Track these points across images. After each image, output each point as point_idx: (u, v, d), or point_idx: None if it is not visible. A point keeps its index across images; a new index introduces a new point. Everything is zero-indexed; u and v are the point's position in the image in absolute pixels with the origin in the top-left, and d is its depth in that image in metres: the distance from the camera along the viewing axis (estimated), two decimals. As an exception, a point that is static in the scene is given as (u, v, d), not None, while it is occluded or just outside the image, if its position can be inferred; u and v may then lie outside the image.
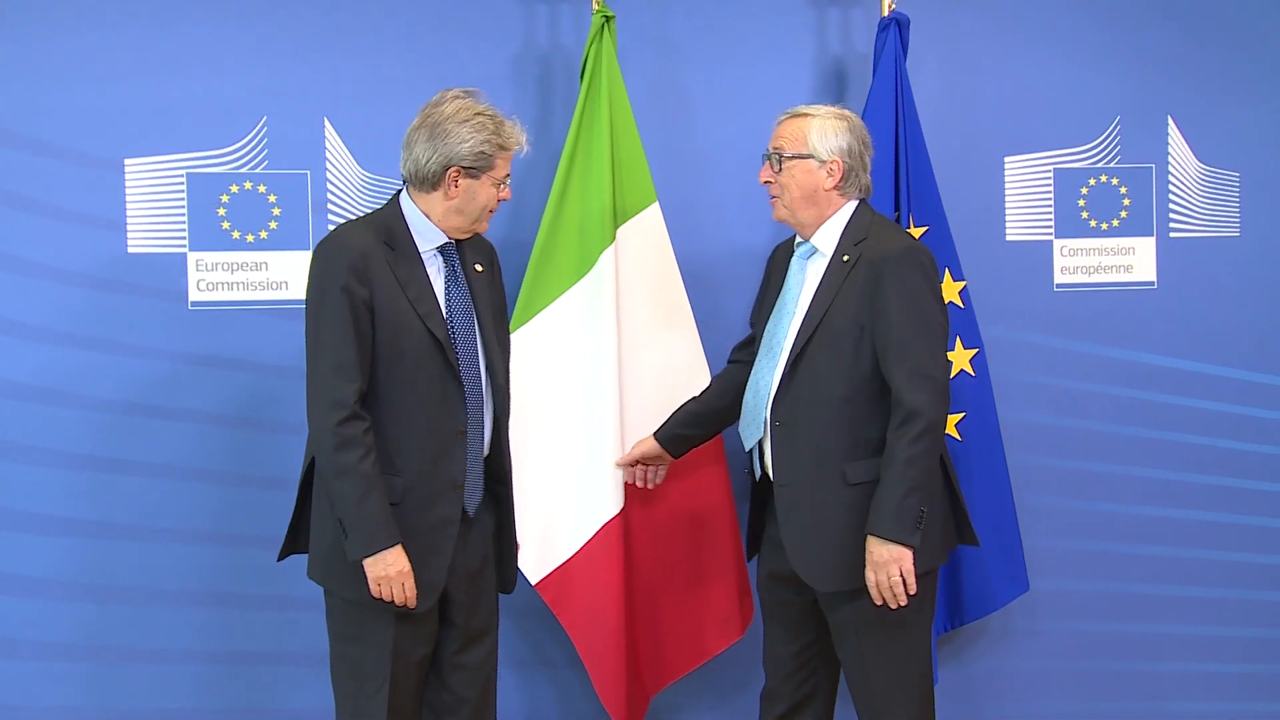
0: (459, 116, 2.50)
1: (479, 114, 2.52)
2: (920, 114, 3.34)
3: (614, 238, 3.13)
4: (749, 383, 2.74)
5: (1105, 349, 3.60)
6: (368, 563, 2.45)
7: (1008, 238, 3.59)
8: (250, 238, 3.20)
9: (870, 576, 2.56)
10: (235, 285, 3.20)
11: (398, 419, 2.50)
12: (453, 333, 2.53)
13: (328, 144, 3.23)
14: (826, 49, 3.49)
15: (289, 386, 3.08)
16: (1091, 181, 3.60)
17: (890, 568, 2.54)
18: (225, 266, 3.19)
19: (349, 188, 3.24)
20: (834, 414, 2.61)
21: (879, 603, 2.57)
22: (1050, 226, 3.60)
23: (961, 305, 3.35)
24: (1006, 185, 3.57)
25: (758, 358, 2.74)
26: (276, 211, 3.21)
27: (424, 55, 3.26)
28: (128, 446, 3.15)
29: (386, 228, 2.54)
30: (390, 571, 2.45)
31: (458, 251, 2.60)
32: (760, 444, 2.71)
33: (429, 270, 2.54)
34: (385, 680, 2.50)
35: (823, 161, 2.69)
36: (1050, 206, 3.59)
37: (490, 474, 2.62)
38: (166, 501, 3.17)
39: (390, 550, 2.45)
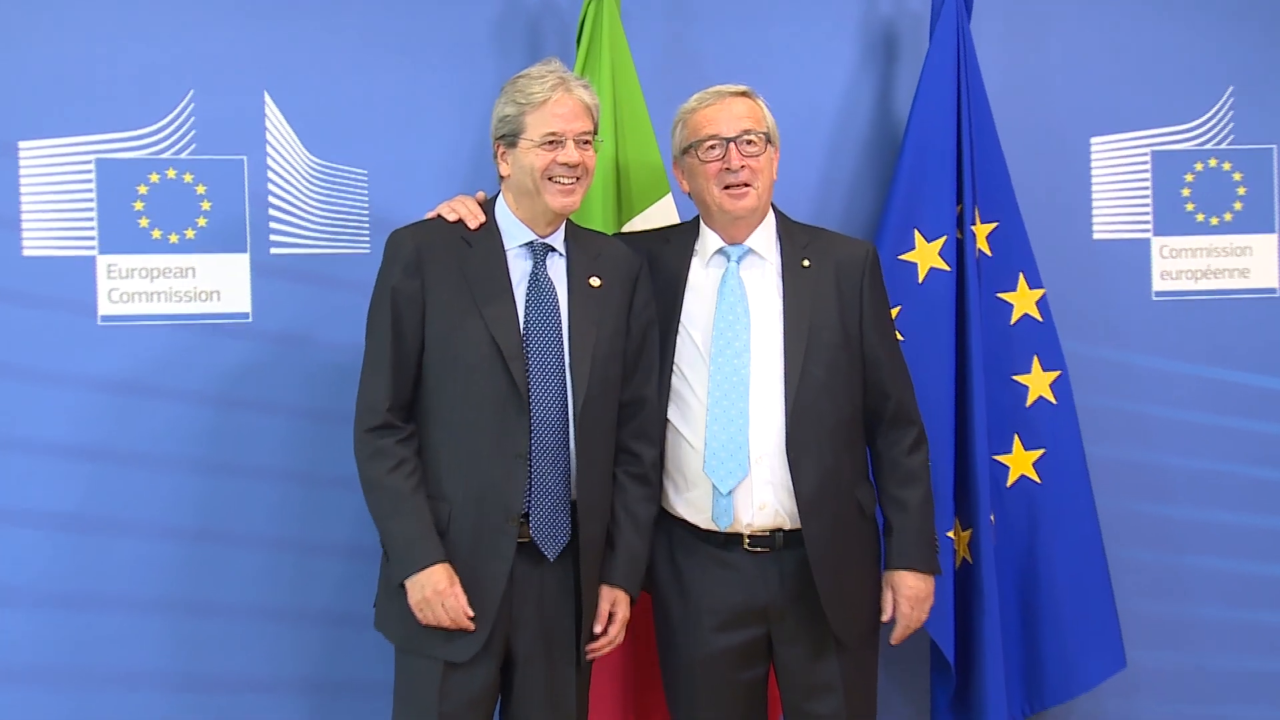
0: (502, 92, 2.77)
1: (517, 78, 2.75)
2: (988, 86, 3.39)
3: (617, 237, 3.10)
4: (707, 416, 2.82)
5: (1216, 370, 3.66)
6: (407, 586, 2.66)
7: (1095, 236, 3.63)
8: (174, 238, 3.21)
9: (906, 612, 2.88)
10: (155, 296, 3.20)
11: (447, 435, 2.69)
12: (526, 343, 2.70)
13: (268, 124, 3.24)
14: (873, 7, 3.54)
15: (220, 419, 3.25)
16: (1198, 167, 3.67)
17: (927, 603, 2.89)
18: (143, 273, 3.20)
19: (294, 177, 3.26)
20: (844, 438, 2.85)
21: (896, 641, 2.90)
22: (1147, 222, 3.65)
23: (1039, 318, 3.41)
24: (1093, 172, 3.62)
25: (710, 384, 2.83)
26: (206, 206, 3.22)
27: (385, 16, 3.30)
28: (21, 490, 3.15)
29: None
30: (426, 593, 2.64)
31: (568, 257, 2.78)
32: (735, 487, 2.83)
33: (514, 271, 2.74)
34: None
35: (776, 149, 2.91)
36: (1147, 198, 3.65)
37: (578, 516, 2.73)
38: (70, 555, 3.18)
39: (426, 570, 2.64)
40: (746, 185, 2.85)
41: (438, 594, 2.64)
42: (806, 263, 2.88)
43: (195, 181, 3.22)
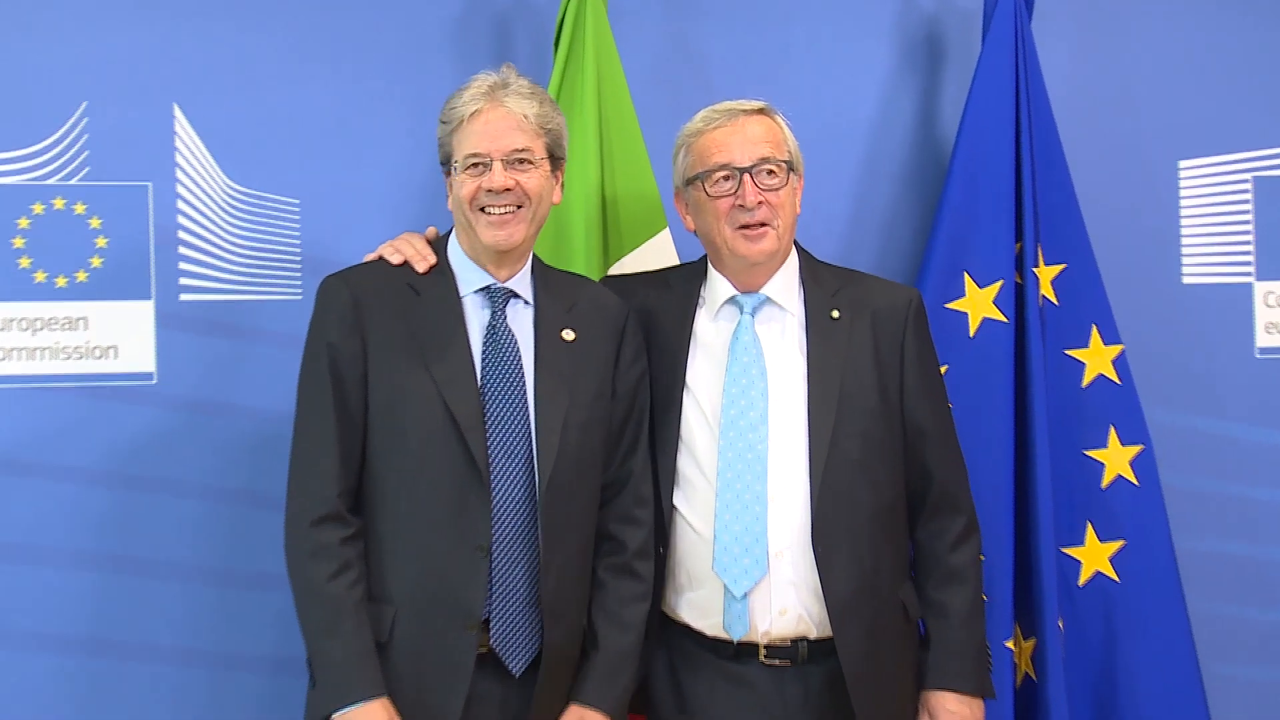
0: None
1: (455, 92, 2.72)
2: (1054, 97, 3.31)
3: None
4: (717, 501, 2.75)
5: (1335, 444, 3.52)
6: None
7: (1185, 279, 3.58)
8: (62, 281, 3.14)
9: None
10: (39, 352, 3.14)
11: (391, 523, 2.61)
12: (485, 410, 2.62)
13: (179, 143, 3.18)
14: (912, 3, 3.50)
15: (117, 503, 3.14)
16: (1310, 196, 3.59)
17: None
18: (23, 324, 3.13)
19: (210, 207, 3.19)
20: (884, 527, 2.76)
21: None
22: (1249, 263, 3.60)
23: (1118, 381, 3.32)
24: (1182, 202, 3.58)
25: (719, 462, 2.76)
26: (102, 242, 3.15)
27: (321, 14, 3.24)
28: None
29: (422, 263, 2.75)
30: None
31: (536, 305, 2.74)
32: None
33: (470, 322, 2.69)
34: None
35: (799, 176, 2.85)
36: (1249, 233, 3.60)
37: (547, 619, 2.65)
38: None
39: (361, 706, 2.52)
40: (764, 225, 2.76)
41: None
42: (836, 314, 2.80)
43: (89, 213, 3.15)
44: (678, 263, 3.12)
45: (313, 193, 3.21)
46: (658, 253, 3.16)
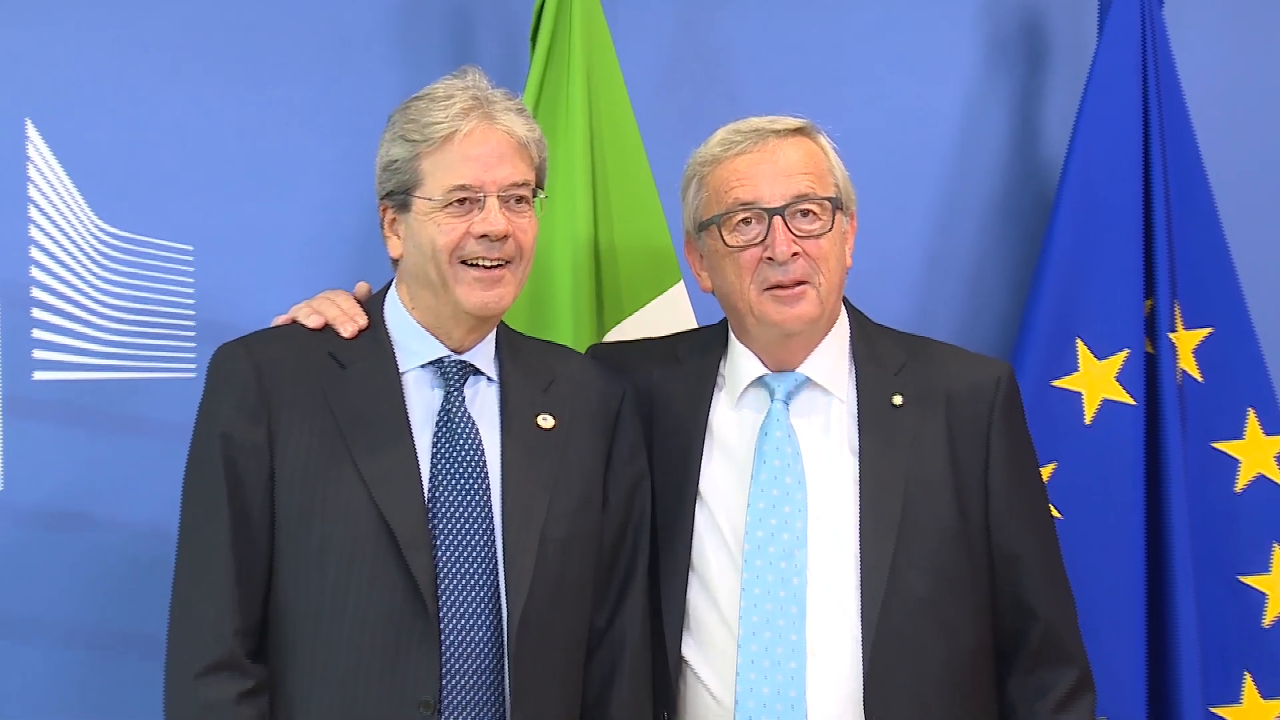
0: (389, 124, 2.61)
1: (411, 102, 2.56)
2: (1194, 110, 3.16)
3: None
4: (739, 654, 2.59)
5: None
6: None
7: None
8: None
9: None
10: None
11: (306, 672, 2.45)
12: (434, 522, 2.47)
13: (33, 171, 2.98)
14: None
15: None
16: None
17: None
18: None
19: (75, 256, 2.99)
20: (960, 685, 2.60)
21: None
22: None
23: None
24: None
25: (743, 600, 2.59)
26: None
27: (221, 3, 3.05)
28: None
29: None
30: None
31: (502, 383, 2.59)
32: None
33: (414, 405, 2.54)
34: None
35: (850, 216, 2.73)
36: None
37: None
38: None
39: None
40: (801, 284, 2.53)
41: None
42: (899, 400, 2.60)
43: (-84, 264, 3.00)
44: (694, 327, 2.94)
45: (210, 238, 3.00)
46: (667, 315, 3.00)
